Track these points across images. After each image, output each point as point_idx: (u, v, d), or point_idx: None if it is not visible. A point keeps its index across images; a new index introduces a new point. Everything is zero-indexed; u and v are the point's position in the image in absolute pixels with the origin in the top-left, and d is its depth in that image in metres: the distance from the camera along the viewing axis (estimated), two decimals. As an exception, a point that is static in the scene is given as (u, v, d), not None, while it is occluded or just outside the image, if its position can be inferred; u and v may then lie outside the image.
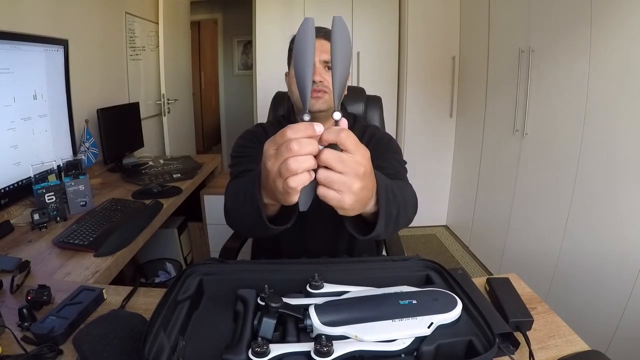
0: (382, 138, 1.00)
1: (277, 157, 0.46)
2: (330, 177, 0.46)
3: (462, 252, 2.67)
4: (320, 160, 0.45)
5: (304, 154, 0.44)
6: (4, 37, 1.31)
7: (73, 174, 1.35)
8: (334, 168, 0.45)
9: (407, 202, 0.68)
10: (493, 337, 0.51)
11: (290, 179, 0.45)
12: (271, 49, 2.78)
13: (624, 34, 1.36)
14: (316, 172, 0.46)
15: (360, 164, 0.47)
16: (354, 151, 0.46)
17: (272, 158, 0.48)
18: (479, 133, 2.44)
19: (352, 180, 0.46)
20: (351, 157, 0.46)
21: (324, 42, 0.92)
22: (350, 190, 0.47)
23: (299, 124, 0.45)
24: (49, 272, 0.96)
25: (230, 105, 4.85)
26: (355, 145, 0.46)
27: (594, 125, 1.51)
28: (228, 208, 0.77)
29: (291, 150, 0.44)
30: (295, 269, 0.71)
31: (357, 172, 0.47)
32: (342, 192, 0.47)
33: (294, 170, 0.45)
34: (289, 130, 0.45)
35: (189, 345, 0.56)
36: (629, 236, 1.36)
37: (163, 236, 2.00)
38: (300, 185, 0.46)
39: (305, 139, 0.44)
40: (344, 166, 0.45)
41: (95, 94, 2.02)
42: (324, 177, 0.46)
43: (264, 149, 0.50)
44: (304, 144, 0.44)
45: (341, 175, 0.46)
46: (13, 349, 0.62)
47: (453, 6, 2.66)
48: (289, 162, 0.44)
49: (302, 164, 0.45)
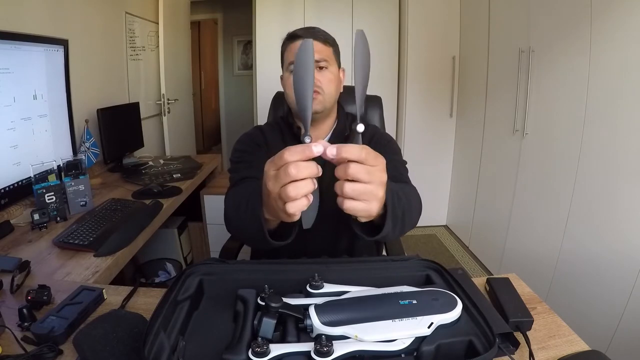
0: (382, 139, 1.01)
1: (276, 179, 0.47)
2: (358, 189, 0.47)
3: (462, 252, 2.67)
4: (349, 174, 0.46)
5: (302, 178, 0.45)
6: (4, 37, 1.31)
7: (73, 174, 1.35)
8: (362, 180, 0.47)
9: (412, 204, 0.69)
10: (493, 337, 0.51)
11: (288, 204, 0.47)
12: (271, 49, 2.77)
13: (624, 33, 1.36)
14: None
15: (383, 172, 0.49)
16: (375, 163, 0.48)
17: (272, 179, 0.49)
18: (479, 133, 2.44)
19: (377, 188, 0.49)
20: (375, 168, 0.48)
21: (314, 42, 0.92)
22: (377, 198, 0.49)
23: (297, 146, 0.46)
24: (49, 272, 0.96)
25: (230, 105, 4.85)
26: (375, 157, 0.48)
27: (594, 125, 1.51)
28: (229, 217, 0.78)
29: (289, 175, 0.45)
30: (295, 269, 0.71)
31: (382, 181, 0.49)
32: (369, 201, 0.49)
33: (293, 197, 0.46)
34: (287, 152, 0.46)
35: (189, 345, 0.56)
36: (629, 236, 1.36)
37: (163, 236, 2.00)
38: (299, 210, 0.47)
39: (304, 162, 0.45)
40: (370, 177, 0.47)
41: (95, 94, 2.02)
42: (352, 190, 0.47)
43: (264, 169, 0.50)
44: (301, 168, 0.45)
45: (367, 185, 0.48)
46: (13, 349, 0.62)
47: (453, 6, 2.66)
48: (288, 188, 0.46)
49: (301, 190, 0.46)
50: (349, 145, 0.47)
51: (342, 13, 2.79)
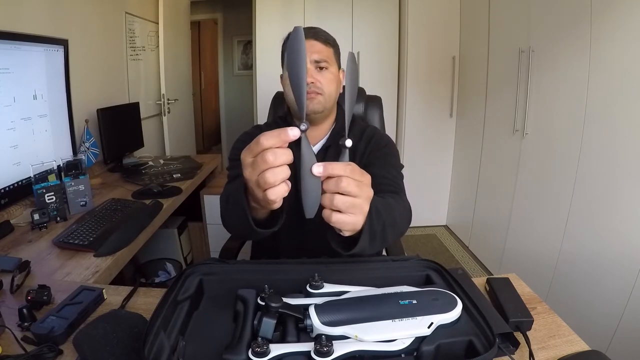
0: (380, 141, 1.00)
1: (253, 166, 0.48)
2: (348, 202, 0.48)
3: (462, 252, 2.67)
4: (340, 187, 0.47)
5: (279, 165, 0.46)
6: (4, 37, 1.31)
7: (73, 174, 1.35)
8: (352, 193, 0.48)
9: (394, 217, 0.68)
10: (493, 337, 0.51)
11: (269, 191, 0.47)
12: (271, 49, 2.77)
13: (624, 34, 1.36)
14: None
15: (369, 187, 0.52)
16: (362, 178, 0.50)
17: (249, 167, 0.49)
18: (479, 133, 2.44)
19: (365, 202, 0.51)
20: (363, 183, 0.50)
21: (314, 43, 0.91)
22: (363, 212, 0.51)
23: (273, 130, 0.46)
24: (49, 272, 0.96)
25: (230, 105, 4.85)
26: (360, 173, 0.50)
27: (594, 125, 1.51)
28: (221, 212, 0.78)
29: (266, 162, 0.45)
30: (295, 269, 0.71)
31: (369, 195, 0.52)
32: (356, 215, 0.50)
33: (272, 183, 0.46)
34: (263, 137, 0.46)
35: (189, 345, 0.56)
36: (629, 236, 1.36)
37: (163, 236, 2.00)
38: (279, 197, 0.48)
39: (280, 149, 0.46)
40: (360, 191, 0.49)
41: (95, 94, 2.02)
42: (342, 203, 0.48)
43: (241, 157, 0.50)
44: (279, 155, 0.46)
45: (356, 199, 0.49)
46: (13, 349, 0.62)
47: (453, 6, 2.66)
48: (266, 175, 0.46)
49: (279, 176, 0.46)
50: (334, 163, 0.48)
51: (342, 13, 2.79)
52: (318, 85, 0.91)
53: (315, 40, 0.92)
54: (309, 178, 0.48)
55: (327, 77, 0.93)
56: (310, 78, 0.90)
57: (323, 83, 0.92)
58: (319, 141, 1.00)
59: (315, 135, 1.00)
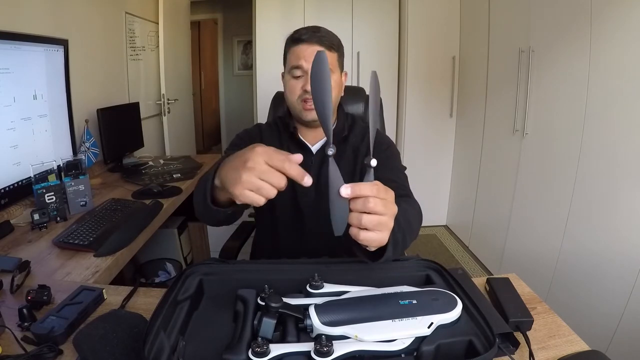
0: (382, 143, 1.00)
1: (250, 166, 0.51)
2: (375, 220, 0.51)
3: (462, 252, 2.67)
4: (368, 208, 0.50)
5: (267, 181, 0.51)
6: (4, 37, 1.31)
7: (73, 174, 1.35)
8: (379, 212, 0.51)
9: (411, 224, 0.70)
10: (493, 337, 0.52)
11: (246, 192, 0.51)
12: (271, 49, 2.77)
13: (624, 34, 1.36)
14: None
15: (394, 205, 0.54)
16: (386, 196, 0.52)
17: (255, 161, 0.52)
18: (479, 133, 2.44)
19: (390, 220, 0.53)
20: (388, 201, 0.52)
21: (318, 48, 0.90)
22: (388, 228, 0.53)
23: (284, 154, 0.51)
24: (49, 272, 0.96)
25: (230, 105, 4.85)
26: (385, 191, 0.52)
27: (594, 125, 1.51)
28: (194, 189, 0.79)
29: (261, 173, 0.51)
30: (295, 269, 0.71)
31: (394, 212, 0.54)
32: (382, 232, 0.52)
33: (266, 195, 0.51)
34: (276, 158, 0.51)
35: (189, 345, 0.56)
36: (629, 236, 1.36)
37: (163, 236, 2.00)
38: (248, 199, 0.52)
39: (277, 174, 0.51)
40: (386, 209, 0.51)
41: (95, 94, 2.02)
42: (369, 222, 0.50)
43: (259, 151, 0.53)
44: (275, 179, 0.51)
45: (382, 217, 0.51)
46: (13, 349, 0.62)
47: (453, 6, 2.66)
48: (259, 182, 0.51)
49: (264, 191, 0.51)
50: (361, 184, 0.51)
51: (342, 13, 2.79)
52: None
53: (320, 46, 0.91)
54: (337, 199, 0.50)
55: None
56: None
57: None
58: (319, 141, 1.00)
59: (314, 136, 1.00)
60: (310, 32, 0.93)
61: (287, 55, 0.96)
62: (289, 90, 0.95)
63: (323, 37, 0.92)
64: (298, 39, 0.93)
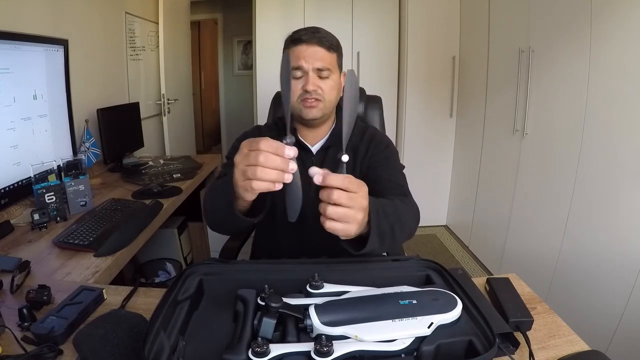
0: (381, 143, 1.01)
1: (246, 157, 0.54)
2: (339, 212, 0.53)
3: (462, 252, 2.67)
4: (332, 199, 0.53)
5: (269, 167, 0.53)
6: (4, 37, 1.31)
7: (73, 174, 1.35)
8: (344, 204, 0.53)
9: (402, 218, 0.71)
10: (493, 337, 0.52)
11: (253, 182, 0.54)
12: (271, 49, 2.78)
13: (624, 34, 1.36)
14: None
15: (364, 199, 0.56)
16: (358, 190, 0.55)
17: (242, 155, 0.56)
18: (479, 133, 2.44)
19: (357, 213, 0.55)
20: (357, 195, 0.54)
21: (317, 49, 0.91)
22: (356, 221, 0.55)
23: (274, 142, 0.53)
24: (49, 272, 0.96)
25: (230, 105, 4.85)
26: (357, 185, 0.55)
27: (594, 125, 1.51)
28: (204, 203, 0.80)
29: (257, 160, 0.52)
30: (295, 269, 0.71)
31: (362, 206, 0.56)
32: (349, 223, 0.55)
33: (260, 177, 0.53)
34: (263, 142, 0.53)
35: (189, 345, 0.56)
36: (629, 236, 1.36)
37: (163, 236, 2.00)
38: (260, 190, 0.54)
39: (273, 155, 0.52)
40: (351, 202, 0.54)
41: (95, 94, 2.02)
42: (334, 213, 0.53)
43: (240, 145, 0.57)
44: (270, 159, 0.52)
45: (348, 210, 0.54)
46: (13, 349, 0.62)
47: (453, 6, 2.66)
48: (257, 170, 0.53)
49: (268, 175, 0.53)
50: (332, 175, 0.53)
51: (342, 13, 2.79)
52: (319, 92, 0.91)
53: (319, 47, 0.91)
54: (290, 187, 0.55)
55: (329, 85, 0.93)
56: (312, 86, 0.90)
57: (324, 90, 0.92)
58: (319, 141, 1.00)
59: (314, 136, 1.00)
60: (310, 32, 0.93)
61: None
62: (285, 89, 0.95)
63: (323, 38, 0.92)
64: (298, 40, 0.92)
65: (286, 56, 0.58)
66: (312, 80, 0.90)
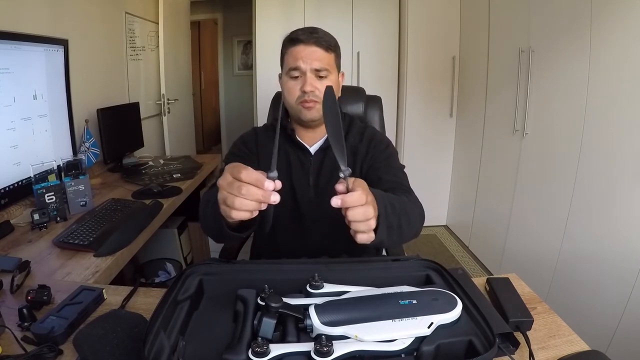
0: (381, 142, 1.01)
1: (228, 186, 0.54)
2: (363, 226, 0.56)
3: (462, 252, 2.67)
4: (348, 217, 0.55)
5: (248, 200, 0.53)
6: (4, 37, 1.31)
7: (73, 174, 1.35)
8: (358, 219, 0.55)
9: (409, 212, 0.72)
10: (493, 337, 0.52)
11: (233, 211, 0.54)
12: (271, 49, 2.77)
13: (624, 34, 1.36)
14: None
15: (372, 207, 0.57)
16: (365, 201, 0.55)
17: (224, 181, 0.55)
18: (479, 133, 2.44)
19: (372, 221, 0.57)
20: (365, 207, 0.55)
21: (315, 49, 0.90)
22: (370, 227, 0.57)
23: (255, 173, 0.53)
24: (49, 272, 0.96)
25: (230, 105, 4.85)
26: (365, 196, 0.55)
27: (594, 125, 1.51)
28: (200, 213, 0.81)
29: (239, 191, 0.52)
30: (295, 269, 0.71)
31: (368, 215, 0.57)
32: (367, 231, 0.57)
33: (237, 208, 0.53)
34: (244, 173, 0.52)
35: (189, 345, 0.56)
36: (629, 236, 1.36)
37: (163, 236, 2.00)
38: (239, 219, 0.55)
39: (255, 188, 0.52)
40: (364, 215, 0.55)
41: (95, 94, 2.02)
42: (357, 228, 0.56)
43: (224, 170, 0.56)
44: (251, 192, 0.52)
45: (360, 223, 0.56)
46: (13, 349, 0.62)
47: (453, 6, 2.66)
48: (235, 200, 0.53)
49: (246, 206, 0.53)
50: (348, 196, 0.54)
51: (342, 13, 2.79)
52: (317, 93, 0.91)
53: (317, 47, 0.91)
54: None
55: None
56: (310, 86, 0.90)
57: (322, 91, 0.91)
58: (317, 142, 1.00)
59: (312, 137, 1.01)
60: (308, 32, 0.92)
61: (285, 56, 0.96)
62: (287, 91, 0.94)
63: (320, 38, 0.92)
64: (295, 40, 0.92)
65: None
66: (310, 81, 0.90)
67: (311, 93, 0.90)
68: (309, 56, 0.90)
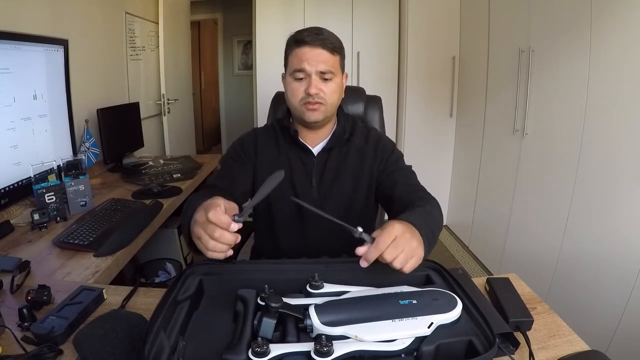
0: (388, 145, 1.02)
1: (204, 225, 0.60)
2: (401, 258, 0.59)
3: (462, 252, 2.67)
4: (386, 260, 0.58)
5: (221, 242, 0.59)
6: (4, 37, 1.31)
7: (73, 174, 1.35)
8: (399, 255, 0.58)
9: (437, 220, 0.78)
10: (493, 337, 0.52)
11: (208, 252, 0.61)
12: (271, 49, 2.77)
13: (624, 34, 1.36)
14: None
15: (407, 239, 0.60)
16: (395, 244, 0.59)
17: (201, 218, 0.61)
18: (479, 133, 2.44)
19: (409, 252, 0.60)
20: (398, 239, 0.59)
21: (321, 52, 0.90)
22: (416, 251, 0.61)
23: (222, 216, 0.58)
24: (49, 272, 0.96)
25: (230, 105, 4.85)
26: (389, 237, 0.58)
27: (594, 125, 1.51)
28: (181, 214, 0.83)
29: (212, 234, 0.59)
30: (295, 269, 0.71)
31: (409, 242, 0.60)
32: (414, 256, 0.60)
33: (211, 249, 0.60)
34: (212, 213, 0.58)
35: (189, 345, 0.56)
36: (629, 236, 1.36)
37: (163, 236, 2.00)
38: (214, 257, 0.61)
39: (228, 234, 0.59)
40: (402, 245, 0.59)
41: (95, 94, 2.02)
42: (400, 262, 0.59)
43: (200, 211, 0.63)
44: (225, 237, 0.59)
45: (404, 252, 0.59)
46: (13, 349, 0.62)
47: (453, 6, 2.66)
48: (210, 242, 0.59)
49: (219, 248, 0.60)
50: (368, 253, 0.58)
51: (342, 13, 2.78)
52: (322, 95, 0.91)
53: (323, 49, 0.90)
54: None
55: (331, 88, 0.92)
56: (315, 89, 0.90)
57: (327, 93, 0.92)
58: (319, 143, 1.00)
59: (315, 138, 1.00)
60: (313, 34, 0.91)
61: (289, 57, 0.94)
62: (291, 92, 0.94)
63: (326, 40, 0.90)
64: (301, 41, 0.91)
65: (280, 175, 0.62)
66: (315, 84, 0.90)
67: (316, 96, 0.90)
68: (314, 58, 0.89)
